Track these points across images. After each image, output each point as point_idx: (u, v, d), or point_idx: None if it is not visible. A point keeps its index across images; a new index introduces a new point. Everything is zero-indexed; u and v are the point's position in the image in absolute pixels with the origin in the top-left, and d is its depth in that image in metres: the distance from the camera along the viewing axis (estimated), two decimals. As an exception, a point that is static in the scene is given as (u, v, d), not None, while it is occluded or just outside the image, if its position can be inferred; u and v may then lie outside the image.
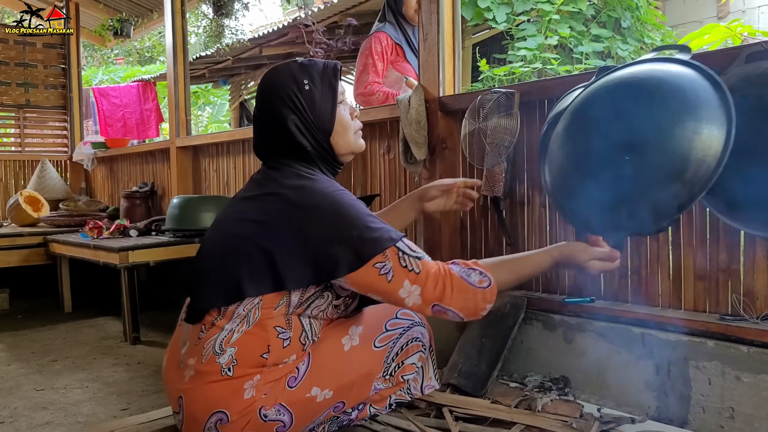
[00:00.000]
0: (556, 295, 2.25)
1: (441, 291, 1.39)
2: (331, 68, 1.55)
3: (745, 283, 1.82)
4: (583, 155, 1.67)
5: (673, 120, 1.46)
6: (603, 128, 1.60)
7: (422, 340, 1.66)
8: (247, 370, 1.43)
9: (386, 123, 2.95)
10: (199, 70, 7.74)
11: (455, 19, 2.63)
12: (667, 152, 1.46)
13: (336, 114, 1.53)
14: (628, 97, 1.58)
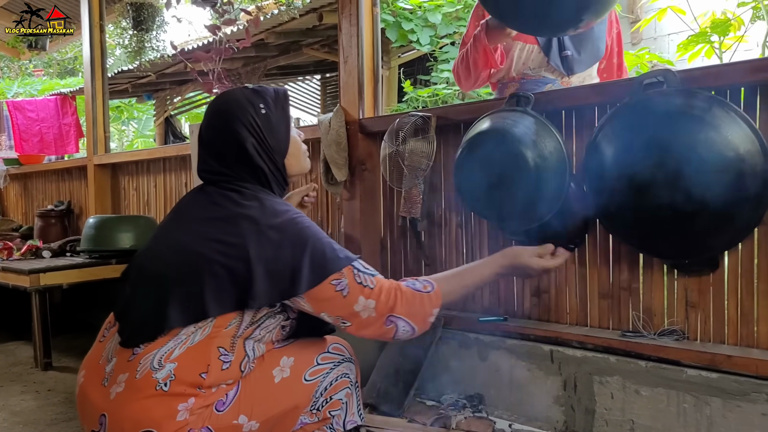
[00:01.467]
0: (472, 314, 2.31)
1: (393, 302, 1.46)
2: (282, 94, 1.64)
3: (644, 300, 1.92)
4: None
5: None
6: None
7: (350, 376, 1.64)
8: (184, 388, 1.39)
9: (307, 143, 2.95)
10: (122, 84, 7.56)
11: (375, 42, 2.68)
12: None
13: (290, 137, 1.63)
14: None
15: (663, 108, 1.64)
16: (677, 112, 1.62)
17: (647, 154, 1.63)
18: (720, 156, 1.55)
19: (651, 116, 1.65)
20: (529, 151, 1.89)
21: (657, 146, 1.62)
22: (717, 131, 1.56)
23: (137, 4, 4.01)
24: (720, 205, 1.55)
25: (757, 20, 3.02)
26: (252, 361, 1.49)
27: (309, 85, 9.95)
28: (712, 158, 1.55)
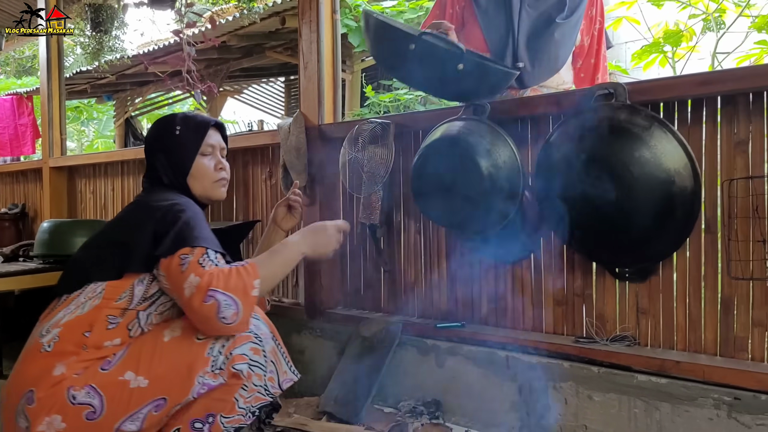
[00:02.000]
0: (430, 320, 2.32)
1: (211, 278, 1.49)
2: (205, 123, 1.85)
3: (597, 307, 1.96)
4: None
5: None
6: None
7: (256, 334, 1.61)
8: (67, 347, 1.49)
9: (268, 148, 2.95)
10: (81, 85, 7.42)
11: (335, 48, 2.68)
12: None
13: (195, 160, 1.80)
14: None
15: (606, 123, 1.68)
16: (619, 128, 1.67)
17: (587, 167, 1.68)
18: (652, 176, 1.61)
19: (595, 130, 1.70)
20: (483, 159, 1.91)
21: (596, 160, 1.68)
22: (652, 151, 1.63)
23: (96, 6, 3.95)
24: (649, 221, 1.62)
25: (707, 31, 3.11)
26: (143, 325, 1.58)
27: (273, 87, 9.89)
28: (643, 177, 1.61)
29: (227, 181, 1.90)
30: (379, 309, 2.52)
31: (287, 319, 2.74)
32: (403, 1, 5.06)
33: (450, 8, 2.27)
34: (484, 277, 2.20)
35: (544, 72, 2.17)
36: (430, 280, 2.36)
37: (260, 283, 1.55)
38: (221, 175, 1.85)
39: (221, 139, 1.90)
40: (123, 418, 1.46)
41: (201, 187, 1.82)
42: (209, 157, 1.83)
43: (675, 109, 1.76)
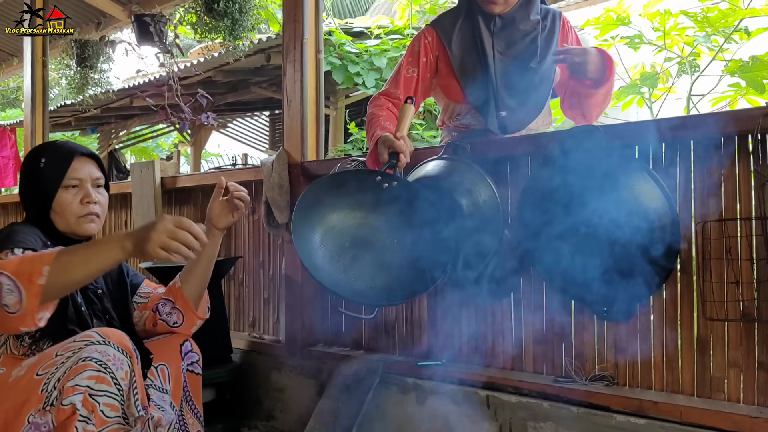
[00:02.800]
0: (411, 358, 2.32)
1: (2, 262, 1.43)
2: (69, 153, 1.76)
3: (576, 346, 1.97)
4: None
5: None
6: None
7: (100, 359, 1.42)
8: None
9: (251, 185, 2.96)
10: (65, 118, 7.43)
11: (318, 87, 2.72)
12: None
13: (57, 195, 1.72)
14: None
15: (584, 165, 1.72)
16: (597, 169, 1.70)
17: (566, 208, 1.71)
18: (630, 215, 1.64)
19: (572, 172, 1.73)
20: (463, 199, 1.93)
21: (575, 201, 1.71)
22: (630, 192, 1.65)
23: (81, 41, 3.98)
24: (629, 261, 1.64)
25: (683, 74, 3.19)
26: (16, 349, 1.58)
27: (257, 121, 9.95)
28: (623, 217, 1.63)
29: (98, 216, 1.78)
30: (359, 347, 2.51)
31: (267, 356, 2.72)
32: (387, 40, 5.16)
33: (423, 56, 2.21)
34: (464, 315, 2.21)
35: (525, 118, 2.15)
36: (411, 318, 2.36)
37: (50, 271, 1.38)
38: (88, 210, 1.74)
39: (95, 169, 1.79)
40: None
41: (64, 224, 1.73)
42: (75, 190, 1.73)
43: (650, 152, 1.80)
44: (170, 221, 1.45)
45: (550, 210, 1.78)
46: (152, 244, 1.42)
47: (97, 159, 1.81)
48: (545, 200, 1.81)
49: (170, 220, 1.45)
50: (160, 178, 3.25)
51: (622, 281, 1.72)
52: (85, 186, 1.75)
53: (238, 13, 3.14)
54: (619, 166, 1.70)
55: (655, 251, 1.66)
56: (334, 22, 5.86)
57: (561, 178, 1.77)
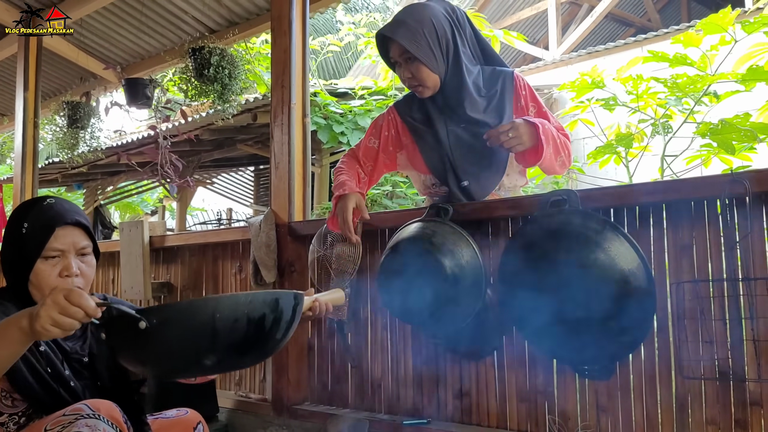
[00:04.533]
0: (397, 416, 2.34)
1: None
2: (52, 221, 1.59)
3: (558, 404, 2.00)
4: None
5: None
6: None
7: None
8: None
9: (238, 244, 3.01)
10: (52, 175, 7.46)
11: (305, 150, 2.80)
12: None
13: (35, 266, 1.57)
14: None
15: (562, 227, 1.79)
16: (573, 232, 1.77)
17: (545, 270, 1.77)
18: (607, 277, 1.70)
19: (551, 234, 1.80)
20: (446, 259, 1.99)
21: (553, 264, 1.77)
22: (606, 253, 1.72)
23: (73, 103, 4.06)
24: (606, 321, 1.70)
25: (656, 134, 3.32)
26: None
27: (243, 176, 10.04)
28: (600, 278, 1.70)
29: (80, 290, 1.62)
30: (346, 405, 2.53)
31: (253, 415, 2.72)
32: (371, 101, 5.30)
33: (385, 131, 2.32)
34: (449, 373, 2.24)
35: (488, 183, 2.17)
36: (397, 376, 2.39)
37: None
38: (66, 284, 1.58)
39: (82, 237, 1.62)
40: None
41: (40, 296, 1.57)
42: (54, 261, 1.58)
43: (624, 215, 1.88)
44: (61, 294, 1.24)
45: (529, 271, 1.84)
46: (42, 321, 1.23)
47: (85, 226, 1.65)
48: (525, 261, 1.87)
49: (61, 291, 1.25)
50: (148, 237, 3.29)
51: (601, 340, 1.78)
52: (68, 257, 1.59)
53: (227, 78, 3.24)
54: (594, 229, 1.77)
55: (631, 311, 1.71)
56: (318, 83, 6.02)
57: (539, 240, 1.84)
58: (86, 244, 1.63)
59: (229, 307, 1.27)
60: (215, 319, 1.25)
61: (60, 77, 5.10)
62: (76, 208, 1.67)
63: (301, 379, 2.66)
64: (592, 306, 1.73)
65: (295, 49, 2.78)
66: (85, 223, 1.64)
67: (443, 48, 2.11)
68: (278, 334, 1.38)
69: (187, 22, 4.08)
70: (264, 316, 1.32)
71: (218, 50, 3.31)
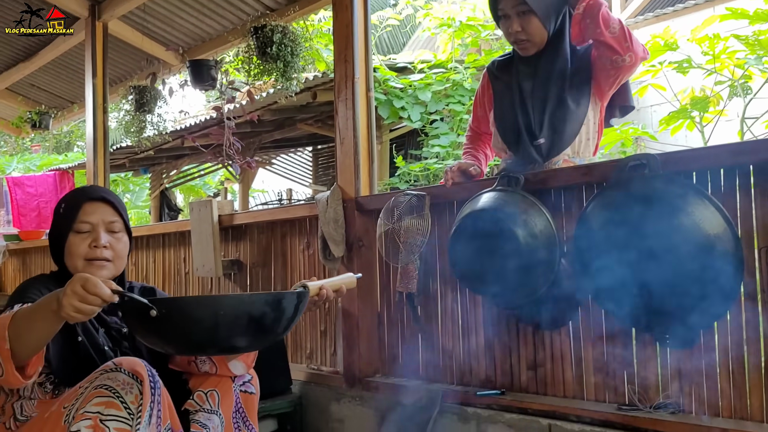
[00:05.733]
0: (470, 388, 2.33)
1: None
2: (79, 198, 1.76)
3: (639, 374, 1.96)
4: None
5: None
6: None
7: (110, 386, 1.45)
8: None
9: (305, 220, 3.04)
10: (119, 160, 7.69)
11: (370, 124, 2.79)
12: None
13: (67, 240, 1.72)
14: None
15: (642, 192, 1.73)
16: (654, 197, 1.71)
17: (625, 237, 1.72)
18: (692, 242, 1.64)
19: (631, 200, 1.75)
20: (519, 229, 1.96)
21: (635, 230, 1.72)
22: (690, 218, 1.66)
23: (140, 87, 4.16)
24: (691, 288, 1.64)
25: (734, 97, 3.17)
26: (20, 416, 1.60)
27: (301, 156, 10.13)
28: (684, 244, 1.64)
29: (108, 261, 1.73)
30: (417, 377, 2.54)
31: (326, 387, 2.77)
32: (430, 74, 5.25)
33: (479, 93, 2.45)
34: (522, 344, 2.22)
35: (562, 144, 2.15)
36: (469, 348, 2.38)
37: (10, 336, 1.36)
38: (96, 254, 1.70)
39: (110, 213, 1.74)
40: None
41: (73, 267, 1.71)
42: (84, 234, 1.71)
43: (708, 178, 1.81)
44: (78, 283, 1.30)
45: (607, 238, 1.79)
46: (66, 309, 1.30)
47: (112, 203, 1.76)
48: (602, 228, 1.82)
49: (78, 281, 1.31)
50: (217, 216, 3.35)
51: (684, 308, 1.72)
52: (97, 230, 1.72)
53: (290, 56, 3.26)
54: (676, 194, 1.70)
55: (717, 278, 1.65)
56: (377, 58, 5.99)
57: (618, 206, 1.78)
58: (115, 219, 1.75)
59: (231, 305, 1.43)
60: (218, 315, 1.39)
61: (126, 63, 5.23)
62: (105, 189, 1.87)
63: (372, 351, 2.68)
64: (674, 273, 1.67)
65: (357, 23, 2.76)
66: (112, 199, 1.77)
67: (557, 6, 2.13)
68: (278, 329, 1.51)
69: (246, 1, 4.10)
70: (264, 314, 1.45)
71: (280, 27, 3.32)
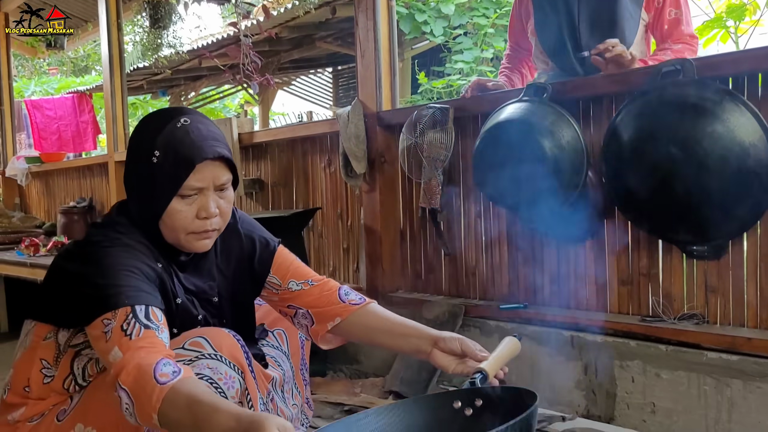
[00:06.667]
0: (493, 302, 2.35)
1: (122, 369, 1.16)
2: (191, 158, 1.34)
3: (663, 286, 1.95)
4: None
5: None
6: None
7: (211, 378, 1.32)
8: (14, 399, 1.42)
9: (326, 137, 3.00)
10: (137, 82, 7.64)
11: (392, 36, 2.71)
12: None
13: (169, 206, 1.36)
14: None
15: (676, 99, 1.67)
16: (689, 104, 1.65)
17: (658, 144, 1.67)
18: (726, 150, 1.60)
19: (664, 107, 1.69)
20: (546, 140, 1.92)
21: (667, 137, 1.67)
22: (725, 125, 1.61)
23: (154, 2, 4.07)
24: (723, 197, 1.61)
25: (773, 4, 3.03)
26: (80, 381, 1.41)
27: (321, 77, 10.00)
28: (717, 152, 1.60)
29: (216, 232, 1.43)
30: (440, 292, 2.55)
31: (350, 303, 2.80)
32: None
33: (518, 7, 2.39)
34: (546, 258, 2.21)
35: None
36: (491, 263, 2.38)
37: (159, 419, 1.11)
38: (204, 227, 1.39)
39: (223, 171, 1.39)
40: None
41: (172, 237, 1.40)
42: (190, 200, 1.37)
43: (745, 84, 1.74)
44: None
45: (638, 147, 1.75)
46: None
47: (229, 159, 1.40)
48: (633, 137, 1.77)
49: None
50: (237, 134, 3.33)
51: (715, 218, 1.69)
52: (206, 195, 1.38)
53: (307, -36, 3.15)
54: (711, 100, 1.64)
55: (750, 186, 1.61)
56: (397, -30, 5.79)
57: (650, 114, 1.73)
58: (228, 178, 1.41)
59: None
60: None
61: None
62: (215, 134, 1.40)
63: (395, 267, 2.70)
64: (707, 181, 1.64)
65: (377, -72, 2.64)
66: (229, 155, 1.40)
67: None
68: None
69: None
70: None
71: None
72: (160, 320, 1.25)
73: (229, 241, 1.56)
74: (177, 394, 1.10)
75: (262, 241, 1.61)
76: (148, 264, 1.35)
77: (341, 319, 1.56)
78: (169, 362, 1.16)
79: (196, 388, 1.12)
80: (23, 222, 4.89)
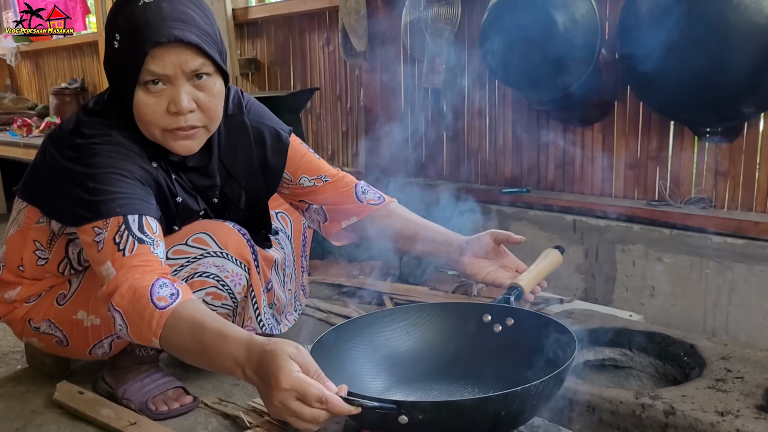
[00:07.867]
0: (494, 186, 2.30)
1: (115, 289, 1.11)
2: (146, 37, 1.15)
3: (672, 170, 1.90)
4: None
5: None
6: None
7: (218, 276, 1.30)
8: (9, 277, 1.40)
9: (324, 13, 2.85)
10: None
11: None
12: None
13: (135, 97, 1.19)
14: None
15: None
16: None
17: (677, 18, 1.57)
18: (751, 23, 1.50)
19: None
20: (559, 14, 1.81)
21: (687, 9, 1.57)
22: None
23: None
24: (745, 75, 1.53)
25: None
26: (75, 265, 1.37)
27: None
28: (741, 25, 1.50)
29: (200, 130, 1.25)
30: (441, 177, 2.51)
31: (349, 186, 2.76)
32: None
33: None
34: (552, 141, 2.15)
35: None
36: (495, 146, 2.31)
37: (160, 344, 1.07)
38: (175, 123, 1.21)
39: (192, 55, 1.18)
40: (89, 347, 1.37)
41: (148, 133, 1.24)
42: (157, 92, 1.19)
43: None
44: (291, 398, 0.88)
45: (656, 21, 1.64)
46: (271, 410, 0.93)
47: (195, 43, 1.17)
48: (651, 10, 1.66)
49: (291, 395, 0.88)
50: (231, 10, 3.16)
51: (733, 98, 1.61)
52: (176, 85, 1.19)
53: None
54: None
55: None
56: None
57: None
58: (200, 63, 1.19)
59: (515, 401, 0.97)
60: (498, 416, 0.97)
61: None
62: (182, 13, 1.18)
63: (395, 152, 2.63)
64: (728, 58, 1.54)
65: None
66: (194, 39, 1.16)
67: None
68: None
69: None
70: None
71: None
72: (155, 232, 1.17)
73: (235, 136, 1.41)
74: (178, 319, 1.04)
75: (272, 134, 1.45)
76: (141, 166, 1.24)
77: (357, 219, 1.48)
78: (166, 282, 1.09)
79: (197, 311, 1.06)
80: (15, 104, 4.78)
